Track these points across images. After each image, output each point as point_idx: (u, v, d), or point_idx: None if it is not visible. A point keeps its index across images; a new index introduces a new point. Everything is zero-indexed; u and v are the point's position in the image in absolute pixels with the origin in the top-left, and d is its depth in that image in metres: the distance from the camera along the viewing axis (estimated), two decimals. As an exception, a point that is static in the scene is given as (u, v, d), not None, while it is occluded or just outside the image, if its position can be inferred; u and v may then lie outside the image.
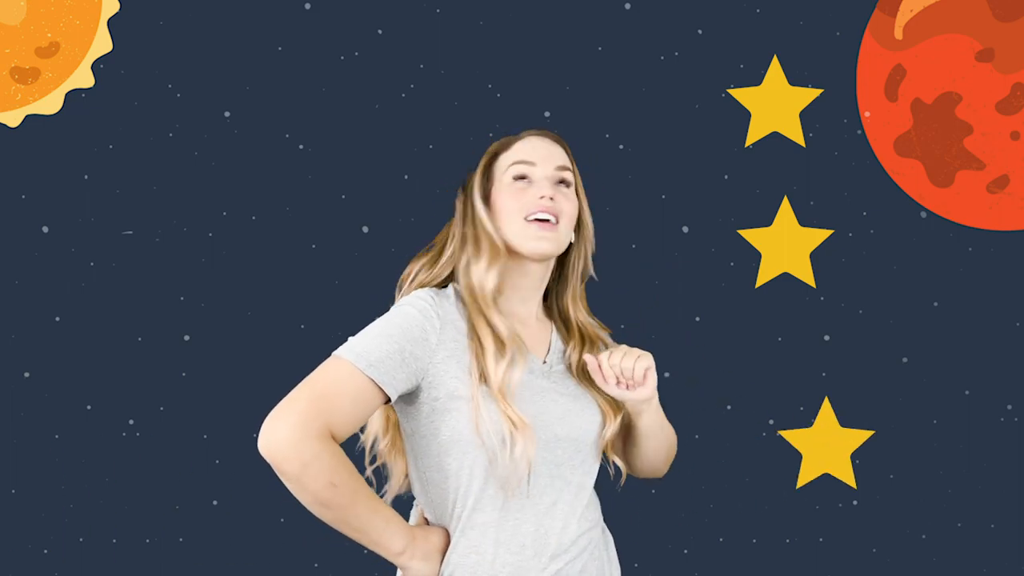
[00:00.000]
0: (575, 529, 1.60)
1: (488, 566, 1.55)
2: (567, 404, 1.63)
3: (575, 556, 1.59)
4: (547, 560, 1.58)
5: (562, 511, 1.60)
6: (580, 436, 1.63)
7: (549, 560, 1.57)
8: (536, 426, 1.55)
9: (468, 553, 1.56)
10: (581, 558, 1.60)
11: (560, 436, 1.60)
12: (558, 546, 1.58)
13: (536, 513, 1.58)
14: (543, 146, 1.72)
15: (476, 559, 1.55)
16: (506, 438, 1.52)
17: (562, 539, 1.58)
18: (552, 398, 1.62)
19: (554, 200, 1.66)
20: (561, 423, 1.61)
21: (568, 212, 1.69)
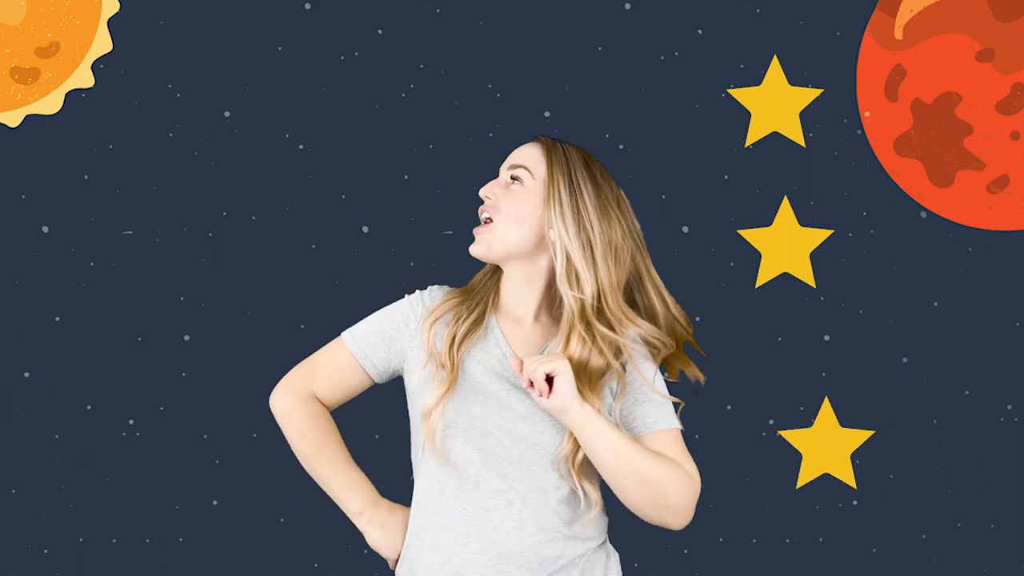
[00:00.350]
0: (535, 536, 1.60)
1: (437, 552, 1.60)
2: (520, 407, 1.63)
3: (536, 566, 1.60)
4: (494, 558, 1.59)
5: (516, 511, 1.61)
6: (528, 438, 1.62)
7: (497, 559, 1.59)
8: (469, 416, 1.64)
9: (417, 532, 1.65)
10: (544, 569, 1.61)
11: (493, 432, 1.61)
12: (511, 548, 1.59)
13: (483, 507, 1.60)
14: (519, 150, 1.72)
15: (428, 542, 1.62)
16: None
17: (518, 542, 1.59)
18: (503, 397, 1.63)
19: (490, 198, 1.67)
20: (497, 420, 1.62)
21: (507, 210, 1.67)
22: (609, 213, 1.70)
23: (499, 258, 1.70)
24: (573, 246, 1.65)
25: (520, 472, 1.62)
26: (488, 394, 1.65)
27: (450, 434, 1.64)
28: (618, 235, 1.69)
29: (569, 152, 1.72)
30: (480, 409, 1.64)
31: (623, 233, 1.71)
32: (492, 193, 1.69)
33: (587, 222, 1.67)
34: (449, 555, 1.62)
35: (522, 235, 1.68)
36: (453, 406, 1.65)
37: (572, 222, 1.66)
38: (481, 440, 1.63)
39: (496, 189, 1.70)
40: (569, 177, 1.69)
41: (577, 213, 1.67)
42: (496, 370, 1.67)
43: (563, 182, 1.68)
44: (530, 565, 1.60)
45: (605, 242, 1.67)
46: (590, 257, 1.66)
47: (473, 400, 1.65)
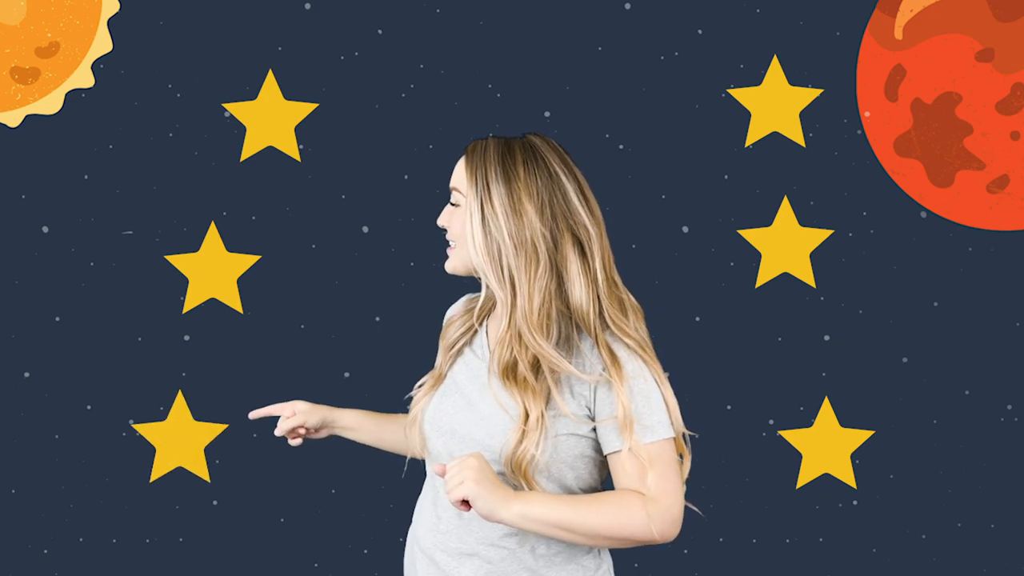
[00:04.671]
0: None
1: (414, 530, 1.76)
2: (485, 408, 1.65)
3: (409, 546, 1.75)
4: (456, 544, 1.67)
5: (429, 499, 1.72)
6: (482, 440, 1.63)
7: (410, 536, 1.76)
8: (442, 413, 1.69)
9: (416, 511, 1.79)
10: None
11: (458, 431, 1.66)
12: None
13: (431, 490, 1.73)
14: (456, 169, 1.71)
15: (415, 521, 1.77)
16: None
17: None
18: (474, 398, 1.67)
19: (444, 226, 1.71)
20: (463, 419, 1.67)
21: (457, 231, 1.68)
22: (522, 208, 1.61)
23: (466, 274, 1.72)
24: (487, 267, 1.62)
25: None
26: (463, 394, 1.69)
27: (427, 429, 1.71)
28: (530, 231, 1.59)
29: (487, 154, 1.66)
30: (452, 408, 1.69)
31: (539, 226, 1.60)
32: (444, 223, 1.72)
33: (495, 230, 1.62)
34: (421, 535, 1.72)
35: (475, 251, 1.64)
36: (433, 403, 1.71)
37: (481, 237, 1.62)
38: (448, 437, 1.67)
39: (447, 216, 1.72)
40: (481, 186, 1.64)
41: (484, 222, 1.62)
42: (474, 371, 1.70)
43: (474, 195, 1.64)
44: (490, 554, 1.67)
45: (517, 244, 1.60)
46: (498, 268, 1.61)
47: (448, 399, 1.70)
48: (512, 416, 1.59)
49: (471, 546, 1.64)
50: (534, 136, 1.68)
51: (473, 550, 1.63)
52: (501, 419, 1.61)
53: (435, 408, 1.70)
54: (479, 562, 1.63)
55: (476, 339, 1.74)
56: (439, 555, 1.66)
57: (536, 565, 1.63)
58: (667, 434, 1.58)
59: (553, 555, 1.64)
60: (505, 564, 1.63)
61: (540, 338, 1.58)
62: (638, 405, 1.56)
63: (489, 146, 1.66)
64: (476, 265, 1.64)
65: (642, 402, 1.57)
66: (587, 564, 1.67)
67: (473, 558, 1.63)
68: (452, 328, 1.78)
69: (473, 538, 1.64)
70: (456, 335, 1.76)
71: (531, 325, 1.59)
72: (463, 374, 1.71)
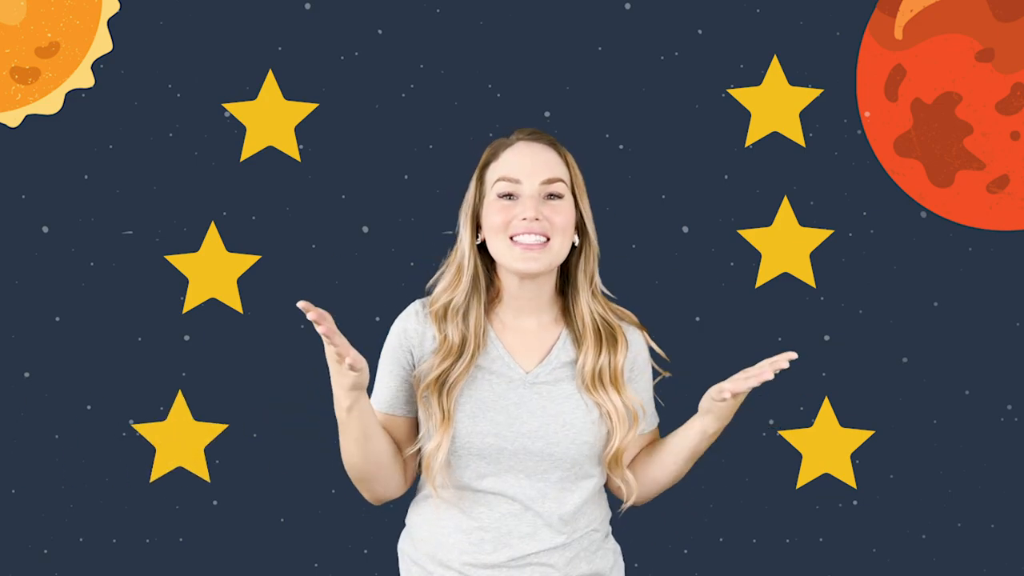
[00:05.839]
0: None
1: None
2: (534, 413, 1.67)
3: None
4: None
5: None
6: (543, 448, 1.66)
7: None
8: (482, 432, 1.68)
9: None
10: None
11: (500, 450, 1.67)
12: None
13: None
14: (531, 155, 1.69)
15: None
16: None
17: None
18: (516, 410, 1.67)
19: (539, 220, 1.65)
20: (504, 430, 1.67)
21: (560, 224, 1.67)
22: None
23: (548, 271, 1.72)
24: (594, 234, 1.76)
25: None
26: (529, 407, 1.71)
27: (478, 450, 1.71)
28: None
29: (564, 146, 1.76)
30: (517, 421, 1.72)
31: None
32: (541, 215, 1.66)
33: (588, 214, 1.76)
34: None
35: (568, 244, 1.71)
36: (466, 427, 1.70)
37: (590, 215, 1.75)
38: (522, 452, 1.72)
39: (543, 210, 1.67)
40: (576, 172, 1.74)
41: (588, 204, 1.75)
42: (508, 379, 1.72)
43: (579, 183, 1.74)
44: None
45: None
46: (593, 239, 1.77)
47: (484, 417, 1.70)
48: (609, 410, 1.71)
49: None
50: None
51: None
52: (579, 414, 1.68)
53: (481, 432, 1.69)
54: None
55: (489, 345, 1.72)
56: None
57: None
58: None
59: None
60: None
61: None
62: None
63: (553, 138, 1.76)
64: (550, 266, 1.69)
65: None
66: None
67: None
68: (444, 361, 1.71)
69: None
70: (455, 374, 1.69)
71: (602, 300, 1.75)
72: (517, 385, 1.71)
